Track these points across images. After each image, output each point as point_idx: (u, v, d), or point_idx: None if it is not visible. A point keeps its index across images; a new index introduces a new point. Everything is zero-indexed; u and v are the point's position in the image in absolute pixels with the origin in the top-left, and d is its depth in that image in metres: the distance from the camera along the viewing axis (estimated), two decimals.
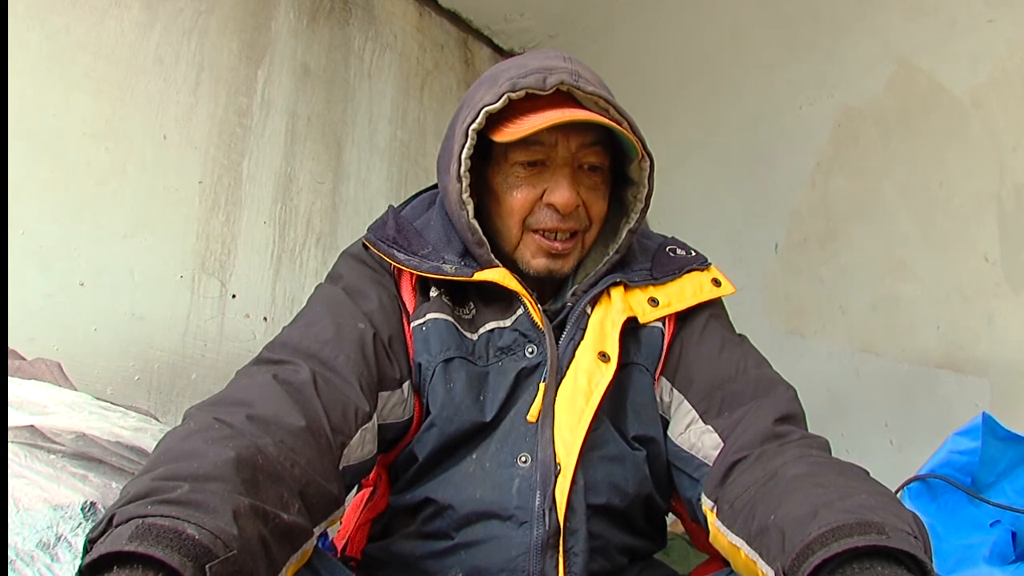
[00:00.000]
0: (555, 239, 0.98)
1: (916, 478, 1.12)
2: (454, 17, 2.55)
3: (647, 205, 1.03)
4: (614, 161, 1.03)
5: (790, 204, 2.21)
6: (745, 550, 0.77)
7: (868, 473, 0.80)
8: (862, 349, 1.97)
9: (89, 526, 0.90)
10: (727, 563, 0.89)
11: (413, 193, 1.17)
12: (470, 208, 0.97)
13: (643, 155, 0.99)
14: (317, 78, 2.07)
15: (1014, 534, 1.04)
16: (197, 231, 1.71)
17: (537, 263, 0.99)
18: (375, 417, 0.91)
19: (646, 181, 1.02)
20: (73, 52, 1.56)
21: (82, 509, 0.91)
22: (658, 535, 1.04)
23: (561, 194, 0.95)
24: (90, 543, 0.60)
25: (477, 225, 0.98)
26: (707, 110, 2.45)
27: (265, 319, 1.80)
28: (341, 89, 2.13)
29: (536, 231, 0.98)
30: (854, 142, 2.07)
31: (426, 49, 2.43)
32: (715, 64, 2.40)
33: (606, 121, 0.93)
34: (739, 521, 0.80)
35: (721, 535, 0.84)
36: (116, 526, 0.59)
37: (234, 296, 1.75)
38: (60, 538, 0.87)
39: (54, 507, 0.90)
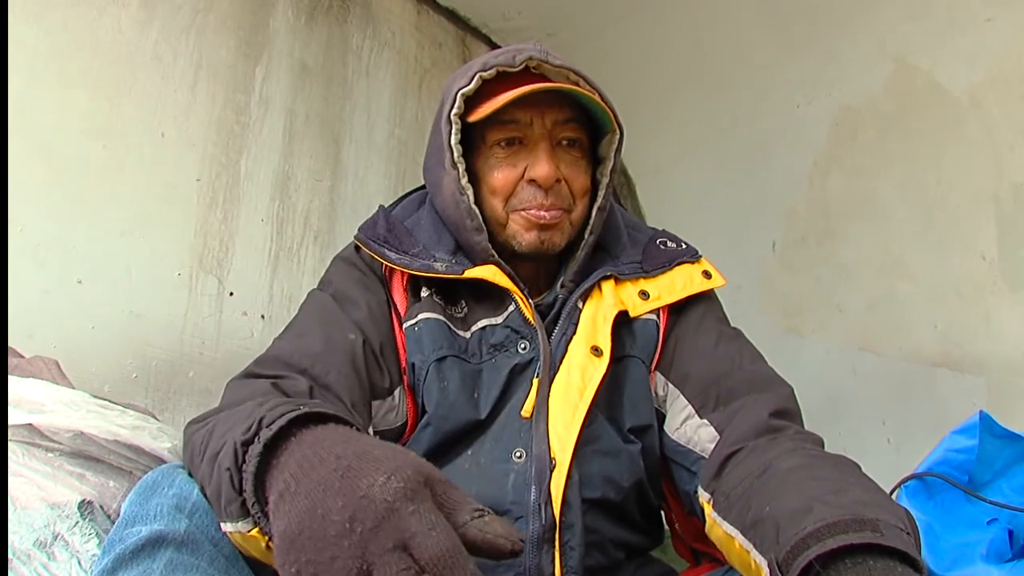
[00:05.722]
0: (542, 210, 0.98)
1: (913, 476, 1.12)
2: (452, 15, 2.55)
3: (612, 180, 1.03)
4: (593, 143, 1.04)
5: (788, 203, 2.21)
6: (739, 540, 0.78)
7: (860, 467, 0.81)
8: (860, 348, 1.97)
9: (86, 525, 0.90)
10: (723, 563, 0.90)
11: (403, 193, 1.17)
12: (470, 193, 0.98)
13: (615, 127, 0.99)
14: (315, 76, 2.07)
15: (1011, 532, 1.05)
16: (195, 229, 1.71)
17: (529, 236, 0.98)
18: (370, 429, 0.92)
19: (612, 155, 1.02)
20: (71, 49, 1.56)
21: (79, 507, 0.91)
22: (655, 530, 1.04)
23: (540, 168, 0.96)
24: (244, 445, 0.63)
25: (478, 211, 0.98)
26: (705, 109, 2.45)
27: (263, 317, 1.80)
28: (339, 87, 2.13)
29: (521, 210, 0.98)
30: (852, 141, 2.07)
31: (424, 47, 2.43)
32: (713, 63, 2.40)
33: (575, 88, 0.94)
34: (734, 511, 0.80)
35: (717, 525, 0.84)
36: (267, 425, 0.62)
37: (232, 294, 1.75)
38: (57, 537, 0.87)
39: (51, 506, 0.90)
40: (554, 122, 0.98)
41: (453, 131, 0.97)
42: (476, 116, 0.96)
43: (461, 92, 0.96)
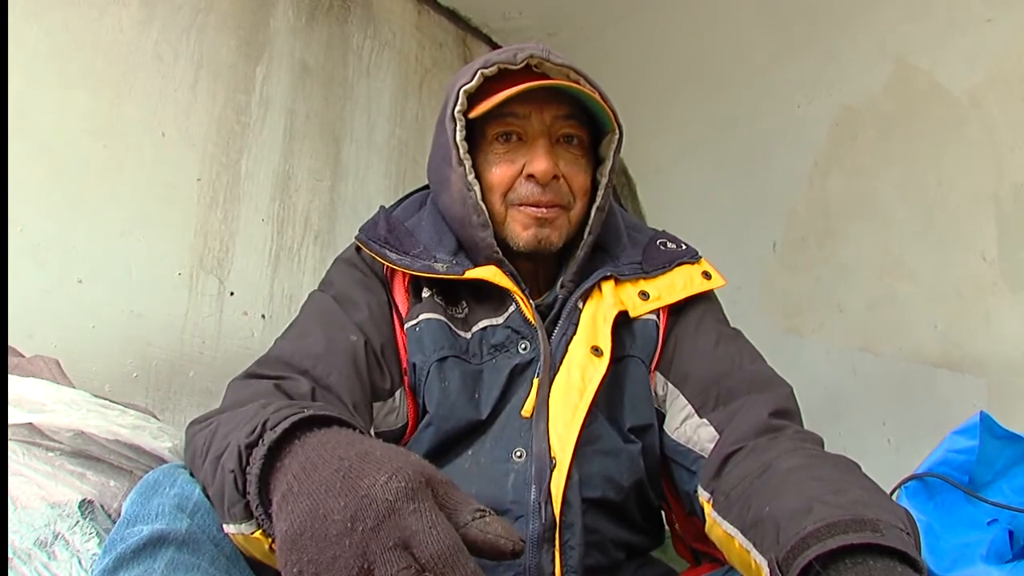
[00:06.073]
0: (540, 206, 0.98)
1: (914, 477, 1.12)
2: (453, 15, 2.55)
3: (611, 180, 1.03)
4: (594, 144, 1.04)
5: (788, 203, 2.21)
6: (739, 539, 0.78)
7: (860, 467, 0.81)
8: (860, 348, 1.97)
9: (86, 524, 0.90)
10: (723, 563, 0.90)
11: (404, 194, 1.17)
12: (477, 189, 0.98)
13: (614, 127, 1.00)
14: (315, 76, 2.07)
15: (1011, 532, 1.05)
16: (195, 228, 1.71)
17: (527, 234, 0.99)
18: (371, 430, 0.93)
19: (612, 155, 1.02)
20: (71, 49, 1.56)
21: (80, 507, 0.91)
22: (655, 530, 1.04)
23: (538, 163, 0.96)
24: (248, 448, 0.62)
25: (484, 207, 0.98)
26: (705, 109, 2.45)
27: (263, 316, 1.80)
28: (340, 87, 2.13)
29: (519, 206, 0.99)
30: (852, 141, 2.07)
31: (425, 47, 2.43)
32: (713, 63, 2.40)
33: (575, 86, 0.95)
34: (734, 511, 0.81)
35: (717, 525, 0.84)
36: (271, 428, 0.62)
37: (232, 293, 1.75)
38: (57, 536, 0.87)
39: (52, 505, 0.90)
40: (553, 118, 0.98)
41: (458, 128, 0.97)
42: (477, 112, 0.97)
43: (463, 89, 0.97)
